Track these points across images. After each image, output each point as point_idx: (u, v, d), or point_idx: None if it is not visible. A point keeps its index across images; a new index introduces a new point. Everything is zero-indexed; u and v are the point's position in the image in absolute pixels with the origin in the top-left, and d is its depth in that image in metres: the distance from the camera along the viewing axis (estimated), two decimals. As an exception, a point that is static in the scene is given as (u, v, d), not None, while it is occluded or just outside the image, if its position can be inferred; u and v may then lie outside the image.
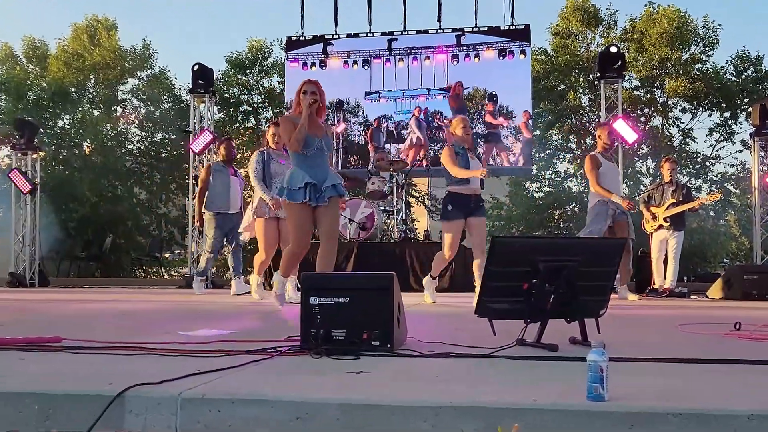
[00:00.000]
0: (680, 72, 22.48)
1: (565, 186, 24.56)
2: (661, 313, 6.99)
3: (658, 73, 22.69)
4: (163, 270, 23.73)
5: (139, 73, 25.96)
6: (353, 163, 14.71)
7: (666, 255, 10.46)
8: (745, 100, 22.45)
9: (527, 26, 14.04)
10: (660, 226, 10.43)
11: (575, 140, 24.19)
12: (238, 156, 26.12)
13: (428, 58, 14.38)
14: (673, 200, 10.33)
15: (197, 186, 13.82)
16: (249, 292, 8.36)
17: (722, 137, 23.89)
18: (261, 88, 25.54)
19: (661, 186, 10.64)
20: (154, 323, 5.36)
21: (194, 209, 11.47)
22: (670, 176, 10.58)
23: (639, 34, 22.76)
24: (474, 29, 14.15)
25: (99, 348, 3.58)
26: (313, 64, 14.76)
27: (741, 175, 23.62)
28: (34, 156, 14.72)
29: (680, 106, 23.59)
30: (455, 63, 14.31)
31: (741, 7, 50.61)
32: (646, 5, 23.24)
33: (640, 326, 5.66)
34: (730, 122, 23.63)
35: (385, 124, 14.68)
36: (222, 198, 9.89)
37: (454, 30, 14.28)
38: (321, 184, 6.14)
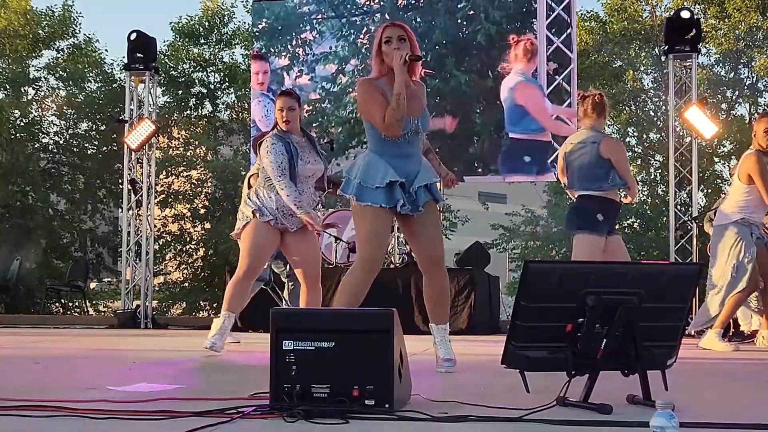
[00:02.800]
0: (770, 46, 22.50)
1: (621, 194, 24.56)
2: (749, 363, 6.99)
3: (745, 47, 22.71)
4: (89, 304, 23.66)
5: (57, 44, 25.97)
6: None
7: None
8: None
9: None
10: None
11: (635, 134, 24.23)
12: (187, 153, 26.20)
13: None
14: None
15: (133, 192, 13.88)
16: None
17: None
18: (220, 63, 25.57)
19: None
20: (76, 375, 5.36)
21: (129, 224, 11.31)
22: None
23: (717, -3, 22.81)
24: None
25: (7, 407, 3.57)
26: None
27: None
28: None
29: (774, 89, 23.63)
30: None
31: None
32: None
33: (722, 381, 5.66)
34: (840, 111, 23.67)
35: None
36: None
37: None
38: (411, 183, 5.61)
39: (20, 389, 4.25)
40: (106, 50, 26.05)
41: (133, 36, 14.32)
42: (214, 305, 18.86)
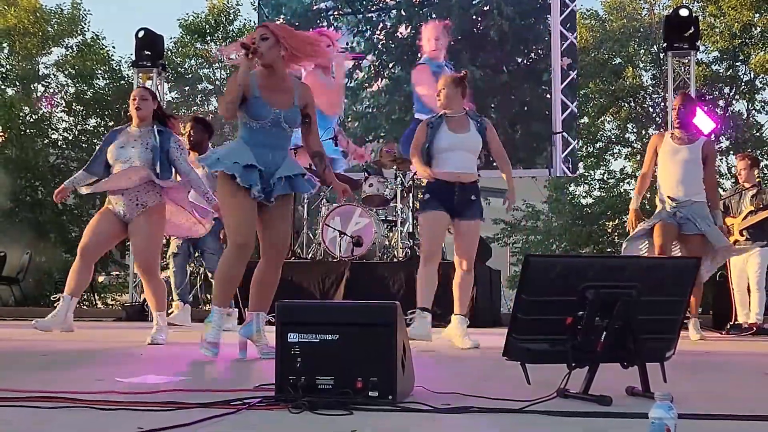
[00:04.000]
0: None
1: (622, 190, 24.53)
2: (746, 357, 6.99)
3: (741, 44, 22.69)
4: (97, 297, 23.67)
5: (66, 41, 25.98)
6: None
7: (748, 279, 10.39)
8: None
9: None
10: (736, 242, 10.33)
11: (635, 130, 24.22)
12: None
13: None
14: (752, 207, 10.25)
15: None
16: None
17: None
18: (226, 60, 25.59)
19: (741, 192, 10.58)
20: (86, 367, 5.36)
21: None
22: (750, 178, 10.52)
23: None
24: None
25: (15, 398, 3.57)
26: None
27: None
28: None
29: (770, 85, 23.61)
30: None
31: None
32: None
33: (719, 373, 5.66)
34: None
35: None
36: None
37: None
38: (271, 174, 5.77)
39: (29, 381, 4.25)
40: (114, 47, 26.02)
41: (141, 33, 14.32)
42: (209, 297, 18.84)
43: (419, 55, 13.91)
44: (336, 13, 14.28)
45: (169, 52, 20.86)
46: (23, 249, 19.51)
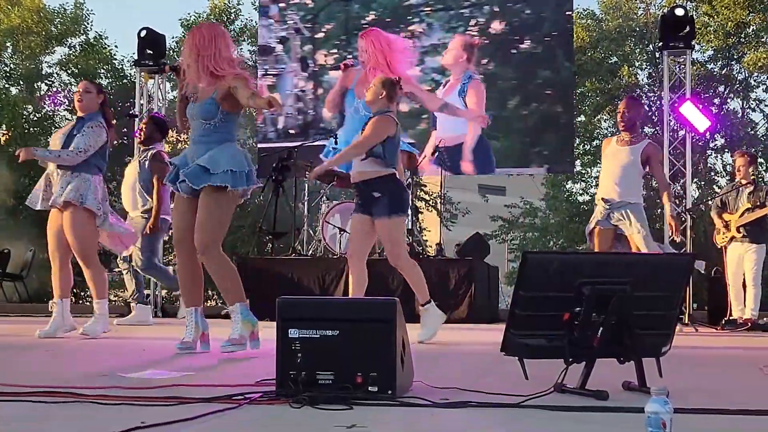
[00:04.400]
0: (763, 41, 22.47)
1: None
2: (741, 352, 6.99)
3: (735, 42, 22.70)
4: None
5: (69, 40, 25.99)
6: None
7: (744, 276, 10.41)
8: None
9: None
10: (733, 238, 10.36)
11: (631, 128, 24.22)
12: (182, 144, 26.21)
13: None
14: (749, 205, 10.27)
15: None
16: None
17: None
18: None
19: (737, 188, 10.60)
20: (88, 362, 5.36)
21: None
22: (748, 175, 10.54)
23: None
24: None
25: (19, 393, 3.58)
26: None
27: (844, 173, 23.65)
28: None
29: (765, 84, 23.62)
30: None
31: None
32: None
33: (714, 368, 5.66)
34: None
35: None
36: None
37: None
38: (182, 167, 5.91)
39: (33, 376, 4.25)
40: (117, 47, 26.01)
41: (143, 33, 14.29)
42: (214, 292, 18.85)
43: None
44: (428, 9, 14.11)
45: (171, 52, 20.82)
46: (27, 246, 19.51)
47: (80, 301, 22.29)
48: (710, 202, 11.73)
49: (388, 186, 7.19)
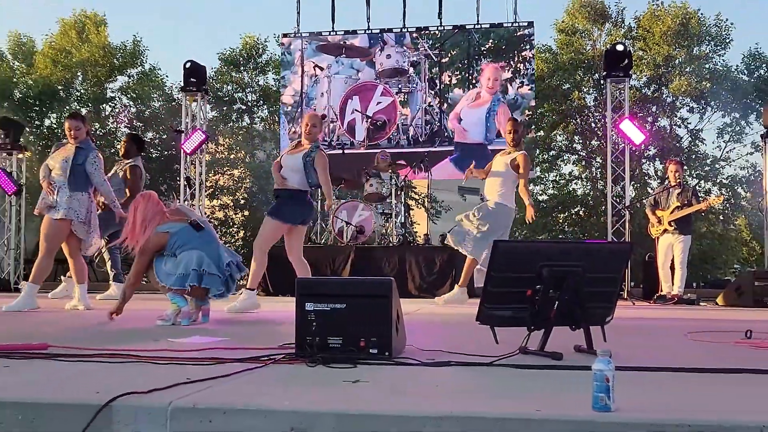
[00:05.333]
0: (685, 70, 22.52)
1: (570, 188, 24.57)
2: (669, 321, 6.98)
3: (664, 72, 22.74)
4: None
5: (129, 71, 25.98)
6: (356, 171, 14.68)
7: (673, 260, 10.45)
8: (758, 100, 22.44)
9: (531, 23, 14.03)
10: (665, 231, 10.43)
11: (581, 141, 24.23)
12: (230, 156, 26.17)
13: (429, 55, 14.37)
14: (678, 203, 10.33)
15: (188, 187, 13.84)
16: None
17: (732, 139, 23.95)
18: (256, 86, 25.55)
19: (668, 189, 10.66)
20: (143, 330, 5.35)
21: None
22: (677, 179, 10.61)
23: (644, 31, 22.83)
24: (476, 26, 14.12)
25: (86, 355, 3.57)
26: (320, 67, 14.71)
27: (752, 177, 23.65)
28: (20, 156, 14.68)
29: (688, 105, 23.65)
30: (457, 61, 14.32)
31: (758, 2, 50.99)
32: (649, 2, 23.38)
33: (647, 334, 5.66)
34: (741, 123, 23.67)
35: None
36: None
37: (455, 27, 14.23)
38: None
39: (100, 341, 4.25)
40: (167, 75, 26.03)
41: (188, 64, 14.30)
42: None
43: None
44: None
45: (210, 80, 20.81)
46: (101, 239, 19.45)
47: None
48: (644, 201, 11.71)
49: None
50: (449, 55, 14.20)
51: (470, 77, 14.16)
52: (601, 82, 16.18)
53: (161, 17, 68.57)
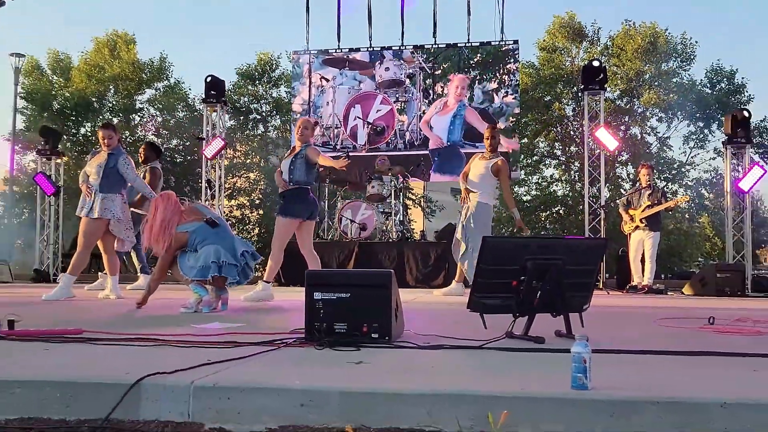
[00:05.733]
0: (653, 84, 22.56)
1: (551, 190, 24.57)
2: (640, 309, 6.98)
3: (635, 85, 22.77)
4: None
5: (155, 84, 25.99)
6: (357, 174, 14.65)
7: (643, 254, 10.47)
8: (719, 111, 22.47)
9: (516, 42, 14.02)
10: (637, 227, 10.46)
11: (560, 147, 24.24)
12: (247, 161, 26.19)
13: (424, 70, 14.37)
14: (649, 203, 10.36)
15: (209, 188, 13.82)
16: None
17: (696, 146, 23.97)
18: (269, 98, 25.57)
19: (639, 190, 10.69)
20: (169, 316, 5.35)
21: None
22: (647, 181, 10.64)
23: (617, 49, 22.86)
24: (467, 44, 14.11)
25: (117, 339, 3.58)
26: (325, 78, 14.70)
27: (714, 180, 23.68)
28: (58, 161, 14.71)
29: (656, 115, 23.68)
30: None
31: (720, 22, 51.02)
32: (622, 23, 23.40)
33: (621, 321, 5.66)
34: (704, 131, 23.70)
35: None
36: None
37: (448, 45, 14.22)
38: None
39: (129, 327, 4.25)
40: (190, 89, 25.99)
41: (209, 79, 14.29)
42: (264, 268, 18.81)
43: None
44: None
45: (228, 92, 20.81)
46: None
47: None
48: (618, 201, 11.71)
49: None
50: (441, 68, 14.19)
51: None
52: (579, 94, 16.18)
53: (185, 36, 68.56)
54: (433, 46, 14.27)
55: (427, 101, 14.21)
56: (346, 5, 14.58)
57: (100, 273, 9.93)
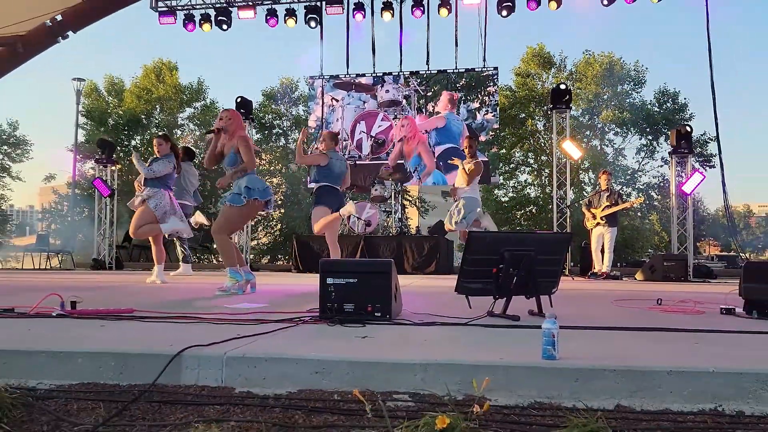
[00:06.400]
0: (611, 104, 22.62)
1: (525, 192, 24.57)
2: (600, 292, 6.98)
3: (595, 105, 22.80)
4: (213, 257, 23.67)
5: (194, 104, 25.96)
6: (362, 178, 14.64)
7: (603, 246, 10.47)
8: (666, 126, 22.49)
9: (496, 68, 14.00)
10: (597, 224, 10.46)
11: (533, 157, 24.23)
12: (270, 168, 26.21)
13: (419, 92, 14.36)
14: (608, 203, 10.36)
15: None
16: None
17: (646, 155, 23.96)
18: (289, 115, 25.57)
19: (599, 192, 10.69)
20: (206, 298, 5.36)
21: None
22: (606, 185, 10.64)
23: (580, 74, 22.89)
24: (455, 70, 14.10)
25: (162, 317, 3.57)
26: (337, 99, 14.68)
27: (661, 184, 23.68)
28: (113, 168, 14.73)
29: (613, 130, 23.68)
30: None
31: (667, 52, 50.93)
32: (583, 53, 23.48)
33: (584, 302, 5.65)
34: (653, 143, 23.69)
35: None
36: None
37: (438, 71, 14.21)
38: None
39: (173, 306, 4.25)
40: (223, 107, 26.01)
41: (239, 99, 14.30)
42: (286, 257, 18.80)
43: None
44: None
45: (255, 110, 20.82)
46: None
47: (199, 261, 22.26)
48: (581, 202, 11.70)
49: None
50: (432, 90, 14.17)
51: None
52: (549, 112, 16.15)
53: (221, 63, 68.65)
54: (426, 71, 14.26)
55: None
56: (355, 35, 14.56)
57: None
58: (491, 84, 14.00)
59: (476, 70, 14.06)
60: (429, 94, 14.17)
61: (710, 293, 6.62)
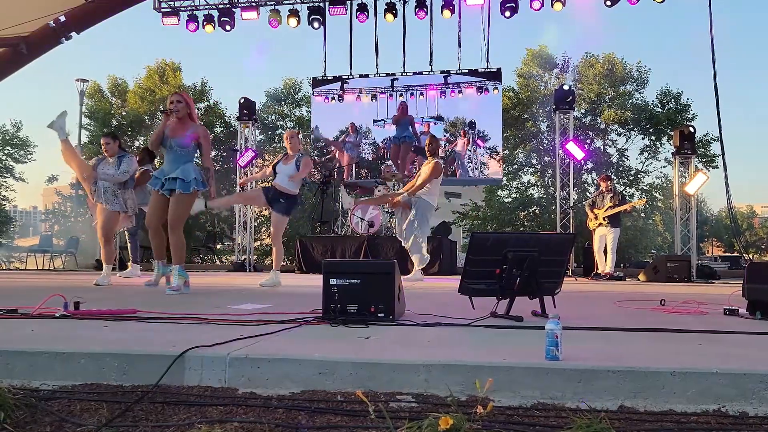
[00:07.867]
0: (613, 104, 22.61)
1: (529, 193, 24.54)
2: (603, 293, 6.97)
3: (598, 105, 22.80)
4: (216, 257, 23.71)
5: (197, 105, 25.97)
6: (364, 175, 14.67)
7: (606, 247, 10.46)
8: (669, 127, 22.45)
9: (499, 69, 13.99)
10: (600, 224, 10.45)
11: (536, 157, 24.20)
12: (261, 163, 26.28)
13: (422, 93, 14.34)
14: (611, 204, 10.36)
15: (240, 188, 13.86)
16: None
17: (649, 156, 23.93)
18: (293, 116, 25.58)
19: (602, 193, 10.69)
20: (209, 299, 5.36)
21: (239, 210, 11.29)
22: (607, 188, 10.64)
23: (582, 75, 22.90)
24: (458, 71, 14.10)
25: (166, 318, 3.58)
26: (333, 98, 14.70)
27: (664, 185, 23.64)
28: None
29: (616, 131, 23.67)
30: (443, 97, 14.29)
31: (668, 52, 50.97)
32: (583, 56, 23.57)
33: (587, 302, 5.64)
34: (656, 144, 23.67)
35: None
36: None
37: (442, 72, 14.23)
38: (166, 177, 5.76)
39: (176, 307, 4.25)
40: (226, 108, 25.98)
41: (242, 100, 14.34)
42: (289, 258, 18.80)
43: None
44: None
45: (259, 111, 20.84)
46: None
47: (203, 262, 22.29)
48: (584, 202, 11.68)
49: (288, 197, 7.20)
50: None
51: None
52: (552, 113, 16.13)
53: (224, 63, 68.77)
54: (429, 72, 14.26)
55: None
56: (358, 33, 14.59)
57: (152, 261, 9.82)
58: (496, 85, 14.03)
59: (479, 70, 14.06)
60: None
61: (713, 294, 6.61)
